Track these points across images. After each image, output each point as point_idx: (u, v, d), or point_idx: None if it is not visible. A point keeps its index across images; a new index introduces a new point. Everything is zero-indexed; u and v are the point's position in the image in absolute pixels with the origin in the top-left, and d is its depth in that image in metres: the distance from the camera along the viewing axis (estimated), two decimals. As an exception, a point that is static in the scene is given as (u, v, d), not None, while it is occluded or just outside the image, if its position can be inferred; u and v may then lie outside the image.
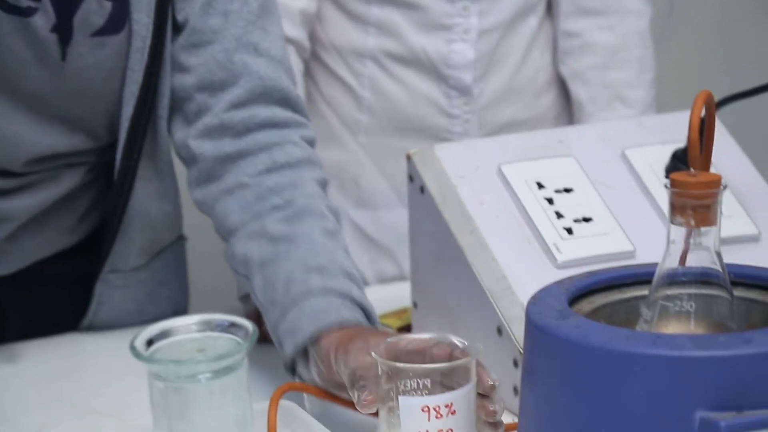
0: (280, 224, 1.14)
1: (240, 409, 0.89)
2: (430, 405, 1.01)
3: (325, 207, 1.18)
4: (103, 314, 1.37)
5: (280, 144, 1.19)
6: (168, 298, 1.41)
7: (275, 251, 1.12)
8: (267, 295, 1.11)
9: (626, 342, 0.88)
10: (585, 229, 1.19)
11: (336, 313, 1.08)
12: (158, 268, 1.39)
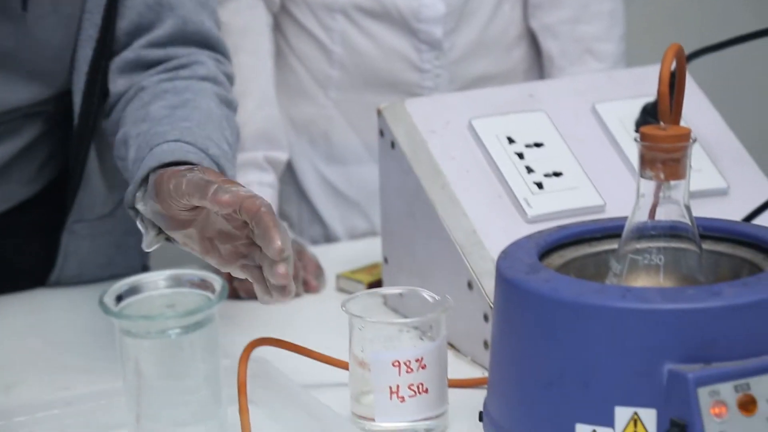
0: (163, 109, 1.14)
1: (210, 364, 0.89)
2: (401, 360, 1.01)
3: (215, 103, 1.16)
4: (72, 267, 1.36)
5: (188, 65, 1.20)
6: (135, 248, 1.41)
7: (150, 126, 1.12)
8: (135, 158, 1.11)
9: (596, 295, 0.89)
10: (555, 184, 1.20)
11: (182, 154, 1.06)
12: (123, 216, 1.38)
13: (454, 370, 1.10)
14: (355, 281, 1.34)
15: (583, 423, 0.88)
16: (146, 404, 0.89)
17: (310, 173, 1.64)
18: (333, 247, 1.54)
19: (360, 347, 1.03)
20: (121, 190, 1.36)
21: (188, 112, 1.13)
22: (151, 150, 1.08)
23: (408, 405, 1.02)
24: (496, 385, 0.95)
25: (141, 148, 1.11)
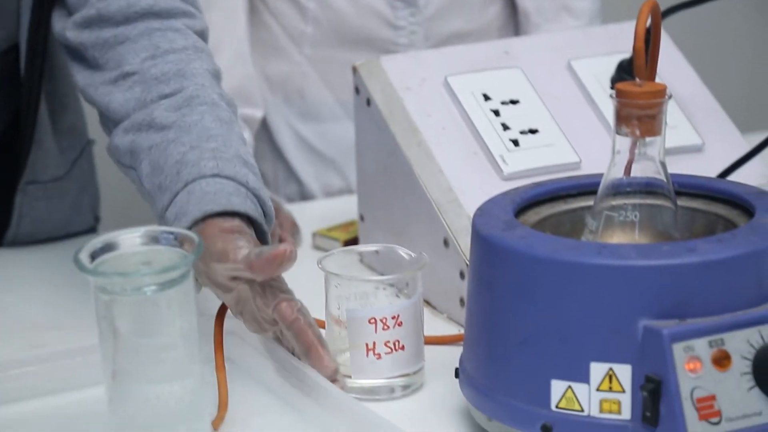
0: (169, 112, 1.08)
1: (186, 321, 0.89)
2: (377, 317, 1.02)
3: (218, 95, 1.11)
4: (27, 227, 1.35)
5: (162, 30, 1.13)
6: (89, 205, 1.41)
7: (164, 137, 1.06)
8: (154, 180, 1.06)
9: (572, 252, 0.89)
10: (531, 141, 1.20)
11: (226, 199, 1.02)
12: (77, 176, 1.38)
13: (431, 327, 1.10)
14: (331, 239, 1.34)
15: (559, 379, 0.88)
16: (122, 361, 0.88)
17: (284, 131, 1.63)
18: (309, 205, 1.54)
19: (336, 305, 1.03)
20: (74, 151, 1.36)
21: (199, 115, 1.07)
22: (186, 186, 1.03)
23: (384, 362, 1.02)
24: (472, 342, 0.96)
25: (162, 170, 1.05)
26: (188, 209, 1.02)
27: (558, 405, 0.89)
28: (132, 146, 1.09)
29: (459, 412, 1.00)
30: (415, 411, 1.01)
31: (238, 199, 1.03)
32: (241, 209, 1.02)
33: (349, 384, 1.02)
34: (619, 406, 0.87)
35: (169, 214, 1.04)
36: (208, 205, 1.01)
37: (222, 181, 1.03)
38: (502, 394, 0.91)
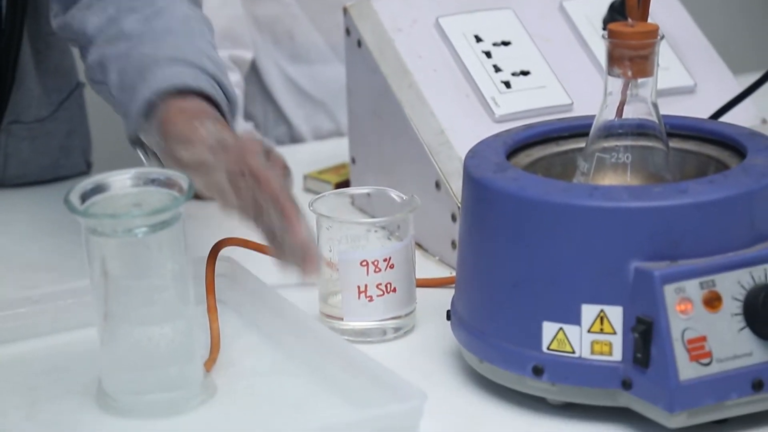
0: (138, 24, 1.08)
1: (177, 263, 0.89)
2: (369, 259, 1.02)
3: (189, 9, 1.10)
4: (14, 168, 1.35)
5: None
6: (79, 149, 1.40)
7: (131, 46, 1.06)
8: (121, 84, 1.06)
9: (563, 194, 0.89)
10: (523, 83, 1.19)
11: (179, 78, 1.01)
12: (65, 118, 1.37)
13: (422, 269, 1.10)
14: (322, 181, 1.34)
15: (550, 321, 0.89)
16: (114, 303, 0.88)
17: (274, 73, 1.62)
18: (299, 148, 1.53)
19: (328, 247, 1.03)
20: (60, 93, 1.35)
21: (166, 22, 1.08)
22: (143, 77, 1.03)
23: (376, 304, 1.02)
24: (464, 285, 0.96)
25: (127, 73, 1.05)
26: (142, 90, 1.02)
27: (549, 347, 0.89)
28: (101, 59, 1.09)
29: (450, 355, 1.00)
30: (407, 353, 1.01)
31: (192, 77, 1.02)
32: (194, 85, 1.01)
33: (341, 326, 1.03)
34: (611, 347, 0.88)
35: (118, 99, 1.04)
36: (160, 84, 1.01)
37: (178, 66, 1.03)
38: (493, 336, 0.92)
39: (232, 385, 0.94)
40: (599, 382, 0.88)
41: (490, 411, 0.93)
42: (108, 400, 0.91)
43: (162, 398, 0.90)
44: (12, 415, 0.91)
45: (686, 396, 0.85)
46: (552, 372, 0.89)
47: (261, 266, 1.06)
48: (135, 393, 0.90)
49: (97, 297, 0.89)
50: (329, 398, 0.92)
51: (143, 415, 0.90)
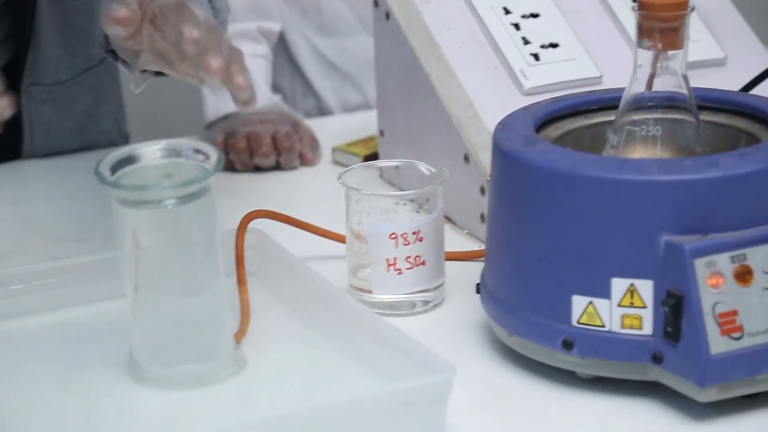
0: None
1: (207, 235, 0.89)
2: (398, 232, 1.02)
3: None
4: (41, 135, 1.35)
5: None
6: (108, 115, 1.40)
7: None
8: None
9: (593, 167, 0.88)
10: (552, 55, 1.19)
11: None
12: (91, 85, 1.37)
13: (451, 243, 1.10)
14: (351, 154, 1.34)
15: (580, 294, 0.89)
16: (144, 274, 0.89)
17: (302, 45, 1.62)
18: (327, 120, 1.53)
19: (357, 220, 1.03)
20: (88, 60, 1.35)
21: None
22: None
23: (405, 277, 1.02)
24: (493, 258, 0.96)
25: None
26: None
27: (579, 320, 0.89)
28: None
29: (480, 328, 1.00)
30: (436, 326, 1.01)
31: None
32: None
33: (370, 299, 1.03)
34: (641, 321, 0.87)
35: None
36: None
37: None
38: (523, 309, 0.92)
39: (261, 357, 0.94)
40: (629, 355, 0.88)
41: (519, 384, 0.93)
42: (139, 371, 0.91)
43: (192, 369, 0.91)
44: (44, 385, 0.91)
45: (717, 370, 0.85)
46: (582, 345, 0.89)
47: (290, 239, 1.07)
48: (166, 364, 0.91)
49: (127, 268, 0.89)
50: (358, 370, 0.92)
51: (174, 386, 0.90)
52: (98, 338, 0.97)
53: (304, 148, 1.35)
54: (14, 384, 0.91)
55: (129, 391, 0.91)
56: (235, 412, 0.88)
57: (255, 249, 1.05)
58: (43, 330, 0.98)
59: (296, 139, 1.34)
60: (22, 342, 0.97)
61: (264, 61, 1.51)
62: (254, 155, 1.33)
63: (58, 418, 0.87)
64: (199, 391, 0.90)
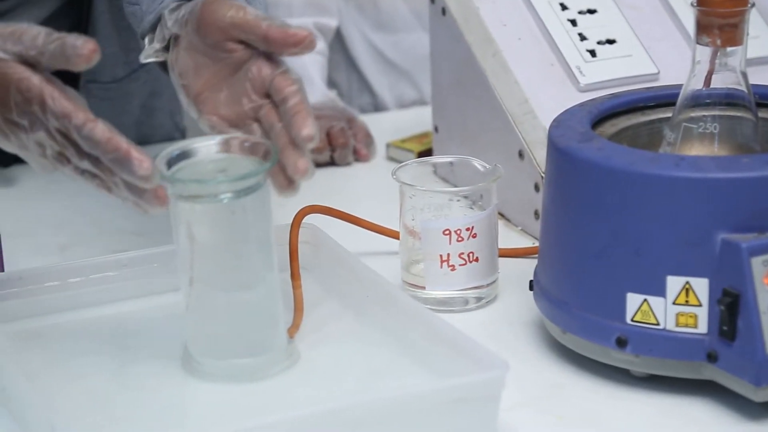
0: None
1: (262, 229, 0.90)
2: (452, 228, 1.01)
3: None
4: None
5: None
6: (163, 109, 1.42)
7: None
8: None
9: (649, 164, 0.88)
10: (608, 51, 1.18)
11: None
12: (147, 80, 1.39)
13: (505, 239, 1.10)
14: (405, 150, 1.34)
15: (635, 292, 0.88)
16: (199, 268, 0.89)
17: (358, 41, 1.62)
18: (382, 116, 1.53)
19: (410, 216, 1.03)
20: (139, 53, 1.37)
21: None
22: None
23: (458, 274, 1.02)
24: (547, 255, 0.95)
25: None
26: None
27: (633, 318, 0.88)
28: None
29: (533, 325, 1.00)
30: (489, 323, 1.01)
31: None
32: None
33: (423, 295, 1.03)
34: (696, 319, 0.87)
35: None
36: None
37: None
38: (577, 307, 0.91)
39: (314, 352, 0.95)
40: (684, 354, 0.87)
41: (572, 382, 0.92)
42: (193, 364, 0.92)
43: (246, 363, 0.91)
44: (100, 376, 0.92)
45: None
46: (636, 344, 0.88)
47: (344, 234, 1.07)
48: (220, 357, 0.91)
49: (182, 262, 0.90)
50: (411, 366, 0.92)
51: (228, 379, 0.91)
52: (153, 331, 0.97)
53: (359, 144, 1.35)
54: (70, 376, 0.92)
55: (183, 384, 0.91)
56: (287, 407, 0.88)
57: (309, 244, 1.05)
58: (100, 322, 0.99)
59: (351, 135, 1.35)
60: (78, 334, 0.98)
61: (320, 57, 1.51)
62: (309, 151, 1.33)
63: (112, 410, 0.88)
64: (253, 385, 0.91)
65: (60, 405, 0.81)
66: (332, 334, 0.97)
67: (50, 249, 1.15)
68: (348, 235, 1.08)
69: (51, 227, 1.20)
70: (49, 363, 0.93)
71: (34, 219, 1.21)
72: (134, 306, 1.00)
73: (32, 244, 1.15)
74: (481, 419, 0.85)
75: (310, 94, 1.36)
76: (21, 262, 1.09)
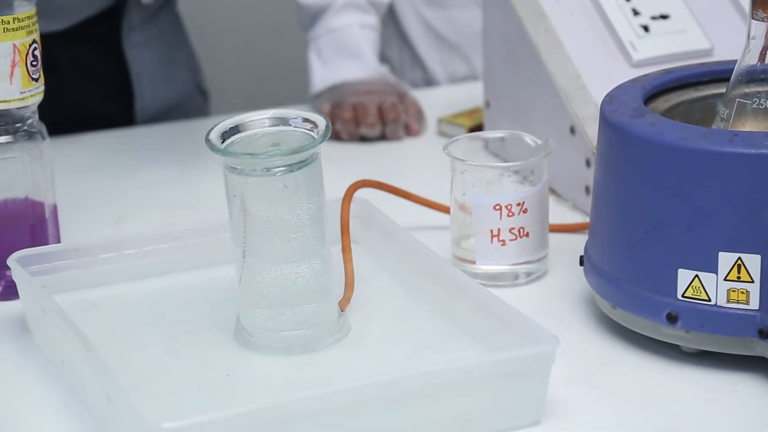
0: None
1: (314, 203, 0.90)
2: (502, 203, 1.02)
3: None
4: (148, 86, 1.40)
5: None
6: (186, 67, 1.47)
7: None
8: None
9: (702, 140, 0.87)
10: (662, 27, 1.17)
11: None
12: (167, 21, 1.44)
13: (555, 215, 1.10)
14: (456, 125, 1.34)
15: (686, 268, 0.88)
16: (252, 241, 0.90)
17: (411, 16, 1.62)
18: (433, 91, 1.53)
19: (461, 191, 1.03)
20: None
21: None
22: None
23: (509, 248, 1.02)
24: (598, 230, 0.95)
25: None
26: None
27: (684, 294, 0.88)
28: None
29: (583, 300, 1.00)
30: (539, 298, 1.01)
31: None
32: None
33: (473, 270, 1.03)
34: (747, 296, 0.87)
35: None
36: None
37: None
38: (627, 282, 0.91)
39: (365, 325, 0.95)
40: (735, 330, 0.87)
41: (622, 357, 0.93)
42: (245, 336, 0.93)
43: (298, 335, 0.92)
44: (153, 349, 0.93)
45: (824, 347, 0.84)
46: (687, 319, 0.88)
47: (395, 208, 1.07)
48: (272, 330, 0.92)
49: (235, 235, 0.91)
50: (461, 340, 0.92)
51: (280, 352, 0.92)
52: (206, 303, 0.98)
53: (410, 119, 1.35)
54: (125, 347, 0.93)
55: (235, 356, 0.92)
56: (338, 379, 0.89)
57: (360, 218, 1.05)
58: (154, 294, 1.00)
59: (402, 110, 1.35)
60: (133, 306, 0.99)
61: (372, 31, 1.51)
62: (360, 125, 1.34)
63: (166, 381, 0.89)
64: (304, 357, 0.91)
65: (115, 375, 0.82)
66: (383, 308, 0.98)
67: (105, 222, 1.16)
68: (399, 210, 1.08)
69: (105, 201, 1.21)
70: (105, 333, 0.94)
71: (87, 192, 1.22)
72: (187, 278, 1.01)
73: (87, 217, 1.17)
74: (530, 393, 0.85)
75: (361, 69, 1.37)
76: (77, 234, 1.10)
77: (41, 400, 0.89)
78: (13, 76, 0.98)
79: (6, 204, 1.02)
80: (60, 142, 1.27)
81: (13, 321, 0.99)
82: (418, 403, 0.82)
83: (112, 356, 0.88)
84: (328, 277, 0.93)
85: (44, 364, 0.93)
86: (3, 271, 1.01)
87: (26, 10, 0.99)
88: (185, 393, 0.88)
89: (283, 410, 0.79)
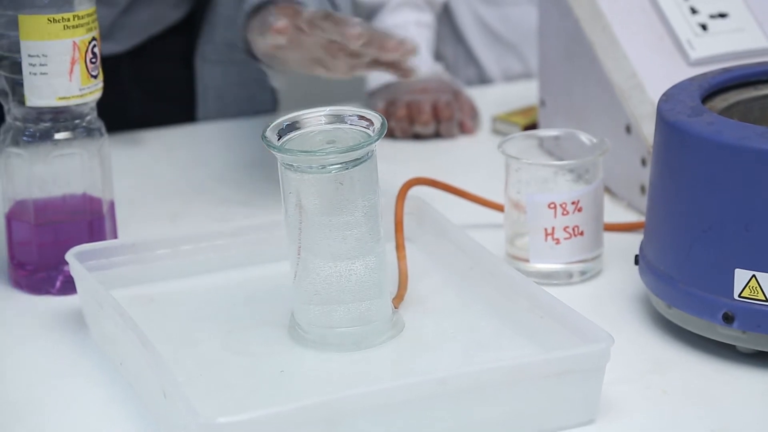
0: None
1: (369, 200, 0.90)
2: (557, 202, 1.01)
3: None
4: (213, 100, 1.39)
5: None
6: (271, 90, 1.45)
7: None
8: None
9: (760, 139, 0.87)
10: (720, 25, 1.16)
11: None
12: None
13: (610, 214, 1.10)
14: (510, 123, 1.34)
15: (743, 268, 0.87)
16: (307, 238, 0.91)
17: (466, 14, 1.62)
18: (488, 89, 1.53)
19: (516, 189, 1.03)
20: None
21: None
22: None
23: (563, 247, 1.02)
24: (654, 229, 0.95)
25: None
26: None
27: (741, 294, 0.88)
28: None
29: (637, 299, 1.00)
30: (593, 297, 1.01)
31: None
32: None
33: (527, 268, 1.03)
34: (805, 296, 0.86)
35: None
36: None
37: None
38: (683, 282, 0.91)
39: (419, 322, 0.95)
40: (792, 331, 0.87)
41: (677, 357, 0.92)
42: (300, 332, 0.93)
43: (352, 332, 0.92)
44: (208, 343, 0.94)
45: None
46: (743, 320, 0.88)
47: (449, 206, 1.07)
48: (326, 326, 0.93)
49: (291, 231, 0.91)
50: (515, 338, 0.92)
51: (333, 348, 0.92)
52: (261, 299, 0.99)
53: (464, 117, 1.35)
54: (180, 342, 0.94)
55: (289, 351, 0.93)
56: (392, 376, 0.89)
57: (414, 215, 1.06)
58: (209, 290, 1.01)
59: (456, 108, 1.35)
60: (189, 301, 1.00)
61: (427, 30, 1.51)
62: (414, 123, 1.34)
63: (221, 377, 0.90)
64: (358, 354, 0.92)
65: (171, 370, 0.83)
66: (436, 306, 0.98)
67: (162, 218, 1.17)
68: (453, 208, 1.08)
69: (161, 197, 1.22)
70: (161, 328, 0.95)
71: (144, 188, 1.23)
72: (242, 274, 1.02)
73: (143, 213, 1.18)
74: (585, 392, 0.85)
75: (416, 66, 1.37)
76: (134, 230, 1.11)
77: (98, 395, 0.90)
78: (72, 73, 0.99)
79: (64, 199, 1.03)
80: (119, 139, 1.29)
81: (70, 316, 1.00)
82: (471, 400, 0.82)
83: (168, 351, 0.89)
84: (383, 275, 0.93)
85: (101, 359, 0.94)
86: (61, 266, 1.02)
87: (86, 8, 0.99)
88: (240, 388, 0.88)
89: (336, 406, 0.80)
